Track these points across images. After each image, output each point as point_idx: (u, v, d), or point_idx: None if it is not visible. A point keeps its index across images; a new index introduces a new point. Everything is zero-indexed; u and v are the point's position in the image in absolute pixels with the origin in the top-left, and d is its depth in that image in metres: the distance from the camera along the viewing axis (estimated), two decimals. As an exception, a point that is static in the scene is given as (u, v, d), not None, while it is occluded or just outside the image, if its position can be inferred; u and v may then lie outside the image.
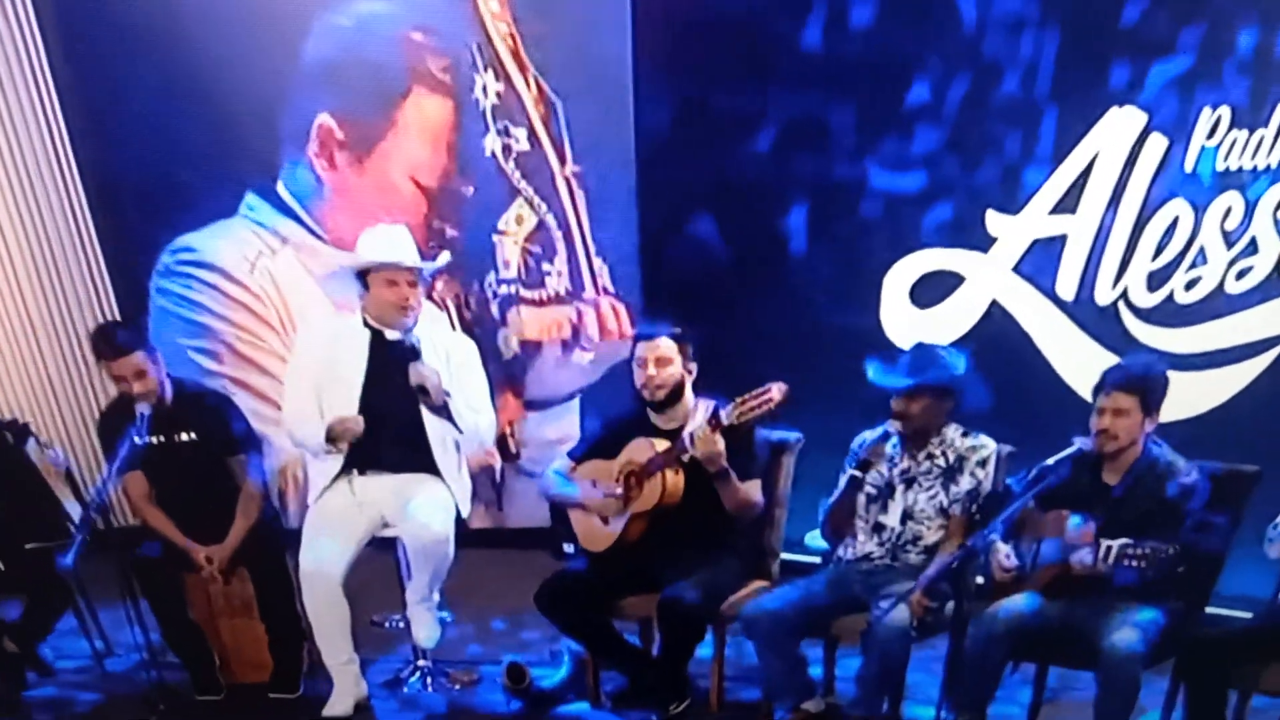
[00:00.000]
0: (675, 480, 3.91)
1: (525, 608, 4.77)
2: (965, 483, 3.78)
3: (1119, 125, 4.47)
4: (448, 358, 4.17)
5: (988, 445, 3.81)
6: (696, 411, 3.99)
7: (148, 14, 5.48)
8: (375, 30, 5.48)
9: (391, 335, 4.14)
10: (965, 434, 3.84)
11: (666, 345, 4.00)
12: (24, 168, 5.69)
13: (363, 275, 4.14)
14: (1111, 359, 4.54)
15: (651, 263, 5.48)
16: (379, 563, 4.30)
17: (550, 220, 5.63)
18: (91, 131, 5.66)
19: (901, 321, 4.94)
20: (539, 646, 4.51)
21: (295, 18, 5.48)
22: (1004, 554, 3.54)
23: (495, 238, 5.65)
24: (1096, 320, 4.62)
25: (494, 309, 5.72)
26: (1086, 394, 4.57)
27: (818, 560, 4.22)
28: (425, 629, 4.15)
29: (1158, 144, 4.43)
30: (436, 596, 4.19)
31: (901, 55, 4.82)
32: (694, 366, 4.04)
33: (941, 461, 3.82)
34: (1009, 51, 4.64)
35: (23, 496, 4.25)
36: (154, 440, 4.08)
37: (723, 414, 3.81)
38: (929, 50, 4.78)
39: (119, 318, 5.78)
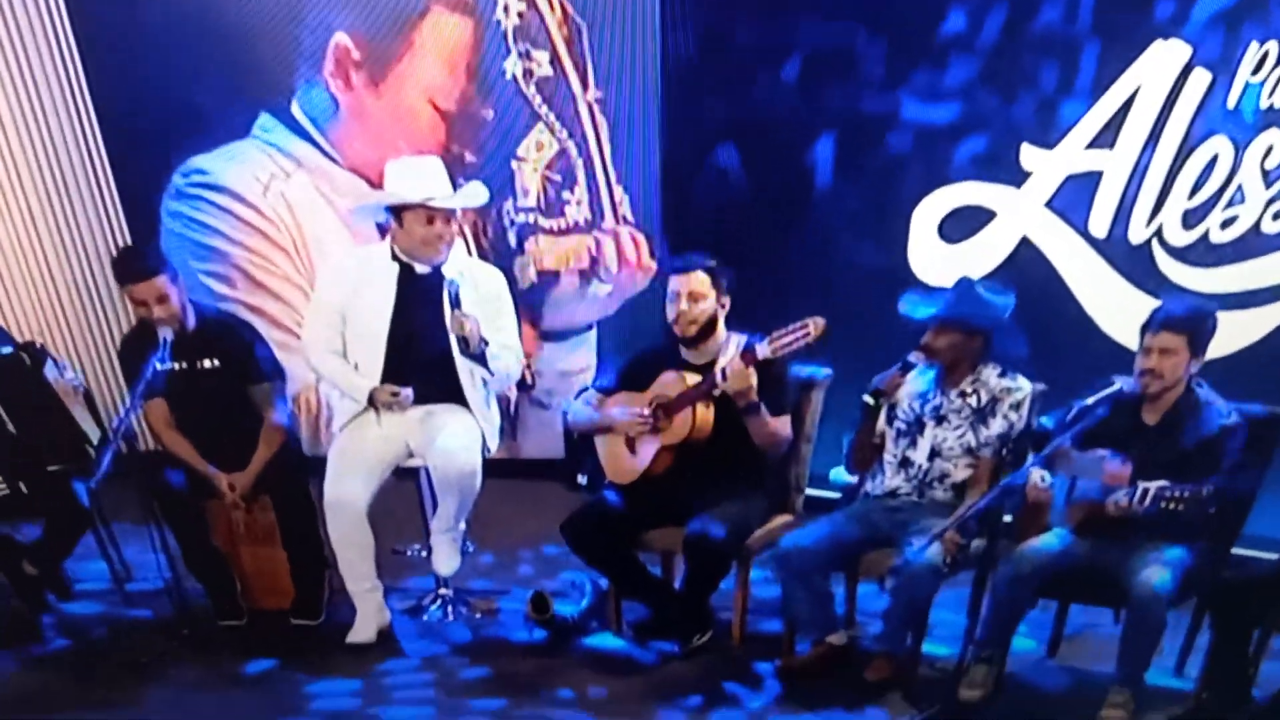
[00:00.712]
0: (705, 414, 3.89)
1: (535, 538, 4.82)
2: (997, 425, 3.74)
3: (1162, 59, 4.38)
4: (476, 288, 4.12)
5: (1023, 388, 3.76)
6: (728, 346, 3.95)
7: (159, -72, 5.36)
8: (395, -55, 5.36)
9: (421, 269, 4.09)
10: (1002, 374, 3.79)
11: (700, 279, 3.94)
12: (33, 88, 5.57)
13: (395, 209, 4.06)
14: (1142, 297, 4.53)
15: (674, 193, 5.38)
16: (400, 490, 4.29)
17: (571, 147, 5.53)
18: (102, 50, 5.54)
19: (929, 256, 4.87)
20: (535, 580, 4.52)
21: (312, -68, 5.36)
22: (1039, 476, 3.51)
23: (514, 164, 5.55)
24: (1129, 258, 4.56)
25: (511, 237, 5.64)
26: (1114, 332, 4.61)
27: (837, 495, 4.22)
28: (445, 558, 4.15)
29: (1201, 79, 4.34)
30: (462, 526, 4.18)
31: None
32: (728, 300, 3.99)
33: (973, 401, 3.78)
34: (1051, -19, 4.54)
35: (41, 419, 4.21)
36: (176, 366, 4.04)
37: (758, 348, 3.77)
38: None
39: (130, 240, 5.72)
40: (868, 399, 3.80)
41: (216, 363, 4.13)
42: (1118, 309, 4.57)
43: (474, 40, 5.44)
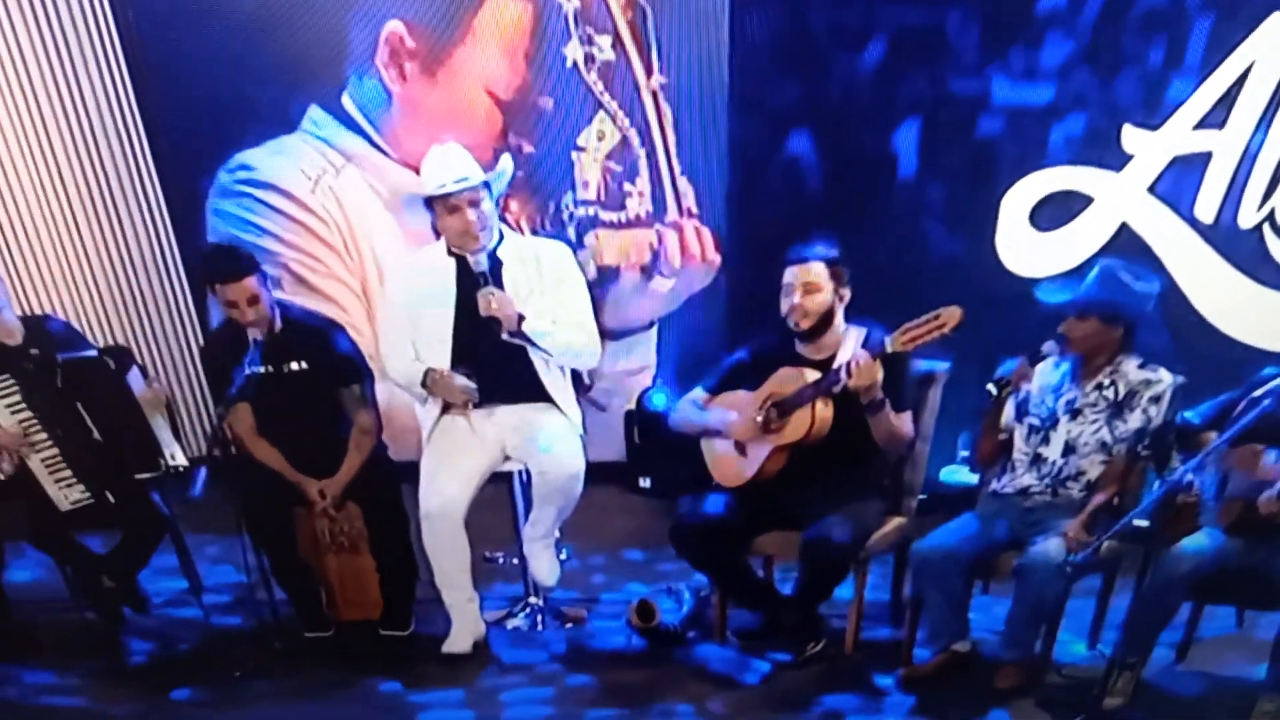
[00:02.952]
0: (824, 412, 3.70)
1: (599, 544, 4.68)
2: (1134, 420, 3.55)
3: (1280, 32, 4.23)
4: (539, 266, 3.93)
5: (1164, 379, 3.58)
6: (847, 340, 3.77)
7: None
8: (451, -72, 5.16)
9: (474, 261, 3.91)
10: (1142, 365, 3.61)
11: (818, 270, 3.77)
12: (75, 83, 5.32)
13: (428, 203, 3.93)
14: (1251, 285, 4.37)
15: (742, 184, 5.18)
16: (487, 494, 4.09)
17: (633, 136, 5.34)
18: (145, 43, 5.30)
19: (1020, 245, 4.69)
20: (603, 586, 4.40)
21: (365, -84, 5.16)
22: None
23: (574, 155, 5.36)
24: (1238, 244, 4.40)
25: (571, 231, 5.44)
26: (1219, 321, 4.45)
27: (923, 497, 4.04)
28: (546, 566, 3.98)
29: (1325, 52, 4.20)
30: (557, 533, 4.00)
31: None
32: (847, 292, 3.81)
33: (1110, 393, 3.60)
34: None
35: (121, 426, 4.02)
36: (264, 370, 3.86)
37: (886, 341, 3.59)
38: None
39: (175, 240, 5.49)
40: (991, 389, 3.63)
41: (304, 365, 3.95)
42: (1224, 297, 4.42)
43: (533, 25, 5.25)
